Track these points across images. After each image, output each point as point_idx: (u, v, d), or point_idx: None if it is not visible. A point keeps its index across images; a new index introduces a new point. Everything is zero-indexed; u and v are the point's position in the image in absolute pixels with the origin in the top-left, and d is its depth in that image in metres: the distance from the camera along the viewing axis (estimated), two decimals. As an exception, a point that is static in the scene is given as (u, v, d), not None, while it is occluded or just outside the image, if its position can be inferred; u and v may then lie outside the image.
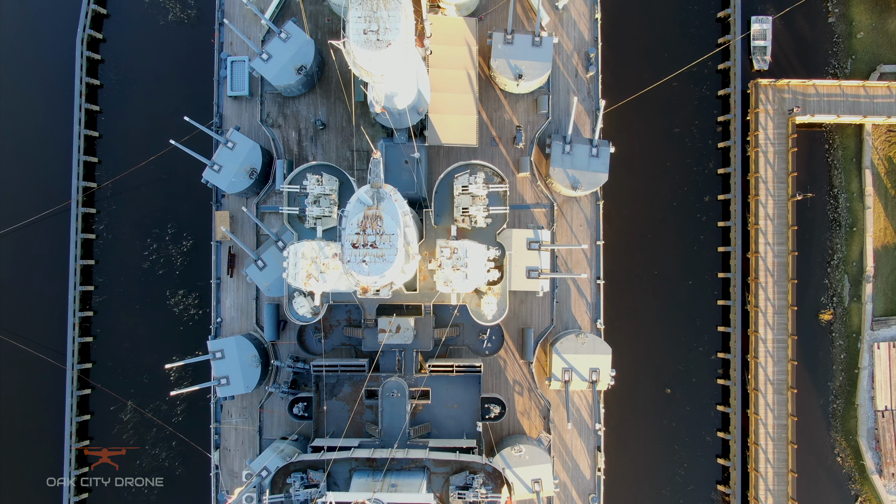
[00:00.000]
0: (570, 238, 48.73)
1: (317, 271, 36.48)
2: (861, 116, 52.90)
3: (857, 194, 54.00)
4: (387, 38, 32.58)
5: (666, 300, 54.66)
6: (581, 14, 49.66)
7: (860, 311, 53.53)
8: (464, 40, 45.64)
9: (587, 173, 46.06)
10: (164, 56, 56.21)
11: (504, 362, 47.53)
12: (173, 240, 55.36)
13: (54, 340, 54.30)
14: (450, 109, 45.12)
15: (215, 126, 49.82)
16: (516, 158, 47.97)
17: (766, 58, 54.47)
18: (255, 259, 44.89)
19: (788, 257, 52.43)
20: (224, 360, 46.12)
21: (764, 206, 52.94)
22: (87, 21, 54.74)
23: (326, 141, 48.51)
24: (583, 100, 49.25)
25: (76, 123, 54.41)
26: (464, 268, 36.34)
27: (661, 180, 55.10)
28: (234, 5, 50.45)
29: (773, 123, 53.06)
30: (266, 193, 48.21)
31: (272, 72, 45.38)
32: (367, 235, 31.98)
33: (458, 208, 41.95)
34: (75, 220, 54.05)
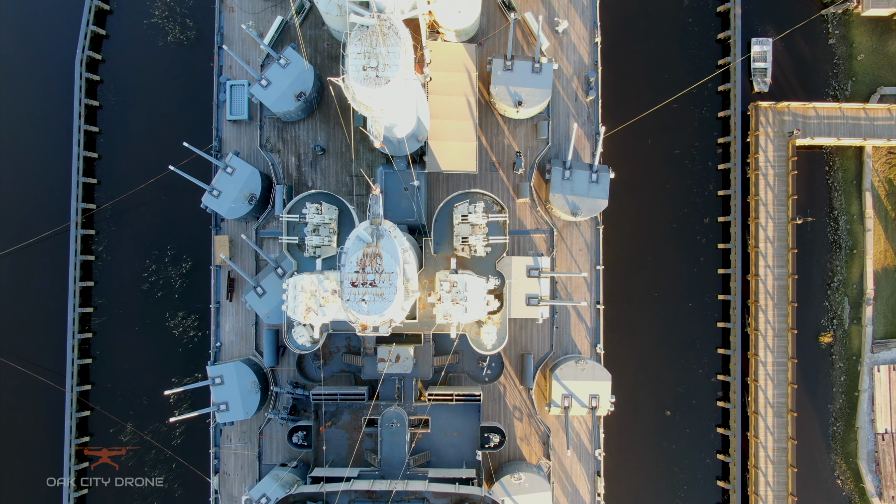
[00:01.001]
0: (570, 263, 48.66)
1: (316, 305, 36.42)
2: (861, 139, 52.81)
3: (858, 217, 53.91)
4: (386, 74, 32.54)
5: (666, 322, 54.60)
6: (581, 38, 49.58)
7: (860, 333, 53.47)
8: (463, 66, 45.53)
9: (587, 199, 46.00)
10: (163, 77, 56.08)
11: (504, 388, 47.47)
12: (173, 261, 55.27)
13: (53, 362, 54.22)
14: (449, 136, 45.04)
15: (214, 150, 49.79)
16: (516, 184, 47.90)
17: (766, 80, 54.37)
18: (255, 286, 44.81)
19: (788, 280, 52.36)
20: (223, 385, 46.10)
21: (764, 229, 52.87)
22: (86, 42, 54.63)
23: (326, 166, 48.43)
24: (583, 124, 49.18)
25: (75, 145, 54.30)
26: (463, 301, 36.28)
27: (661, 202, 55.01)
28: (234, 29, 50.38)
29: (774, 146, 52.98)
30: (265, 219, 48.12)
31: (271, 98, 45.31)
32: (366, 274, 31.91)
33: (458, 237, 41.88)
34: (74, 242, 53.96)
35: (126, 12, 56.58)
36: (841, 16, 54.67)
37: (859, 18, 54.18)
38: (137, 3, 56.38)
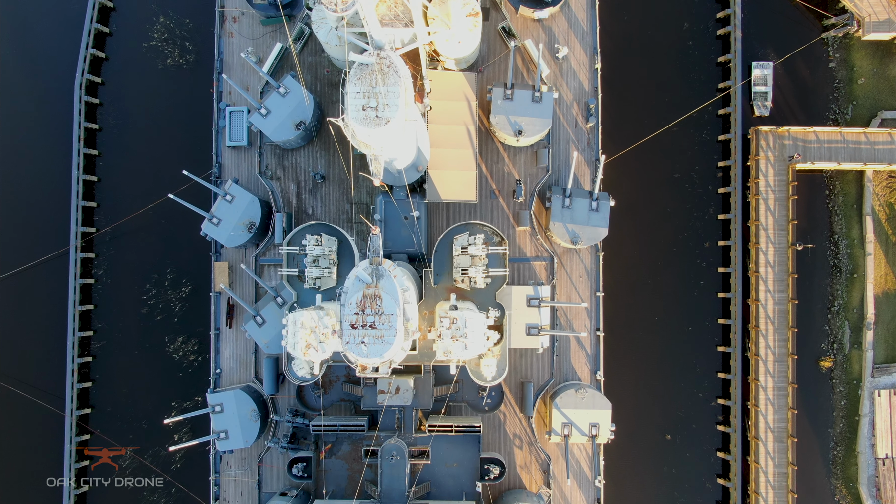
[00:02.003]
0: (571, 290, 48.63)
1: (316, 341, 36.25)
2: (862, 163, 52.72)
3: (858, 241, 53.84)
4: (386, 114, 32.52)
5: (666, 346, 54.53)
6: (581, 64, 49.51)
7: (861, 357, 53.41)
8: (463, 95, 45.47)
9: (587, 228, 45.96)
10: (162, 100, 55.96)
11: (504, 416, 47.43)
12: (172, 285, 55.19)
13: (53, 385, 54.12)
14: (449, 165, 44.98)
15: (214, 176, 49.75)
16: (516, 212, 47.82)
17: (766, 103, 54.29)
18: (255, 315, 44.75)
19: (789, 305, 52.27)
20: (223, 414, 46.14)
21: (764, 253, 52.79)
22: (85, 66, 54.49)
23: (326, 193, 48.37)
24: (583, 150, 49.11)
25: (74, 168, 54.21)
26: (463, 338, 36.20)
27: (662, 225, 54.94)
28: (233, 54, 50.33)
29: (774, 170, 52.89)
30: (265, 246, 48.05)
31: (271, 127, 45.25)
32: (366, 315, 31.85)
33: (458, 269, 41.81)
34: (74, 266, 53.85)
35: (125, 35, 56.47)
36: (842, 39, 54.58)
37: (860, 42, 54.07)
38: (137, 26, 56.26)
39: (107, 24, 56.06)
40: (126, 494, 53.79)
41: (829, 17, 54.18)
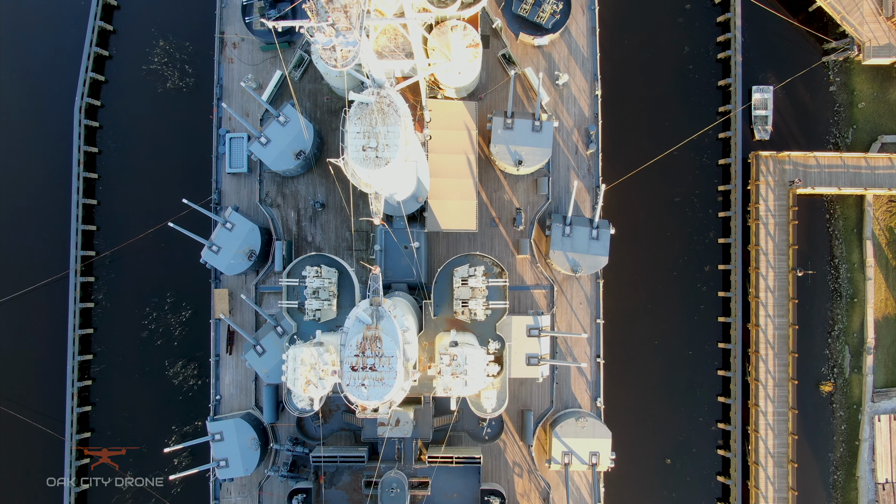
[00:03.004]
0: (571, 317, 48.61)
1: (316, 377, 36.20)
2: (862, 188, 52.69)
3: (858, 265, 53.83)
4: (386, 155, 32.44)
5: (666, 370, 54.53)
6: (581, 90, 49.46)
7: (861, 382, 53.41)
8: (463, 124, 45.41)
9: (587, 256, 45.92)
10: (162, 123, 55.91)
11: (504, 444, 47.40)
12: (172, 309, 55.18)
13: (53, 409, 54.08)
14: (449, 195, 44.94)
15: (213, 202, 49.68)
16: (516, 240, 47.79)
17: (767, 127, 54.25)
18: (254, 344, 44.70)
19: (789, 330, 52.24)
20: (223, 442, 46.09)
21: (764, 278, 52.75)
22: (85, 89, 54.44)
23: (326, 221, 48.31)
24: (583, 177, 49.07)
25: (74, 192, 54.16)
26: (463, 374, 36.12)
27: (662, 249, 54.93)
28: (233, 80, 50.27)
29: (774, 195, 52.85)
30: (265, 274, 48.00)
31: (270, 157, 45.20)
32: (366, 358, 31.79)
33: (458, 301, 41.75)
34: (74, 290, 53.79)
35: (125, 58, 56.43)
36: (842, 63, 54.54)
37: (860, 66, 54.06)
38: (136, 49, 56.23)
39: (106, 48, 55.99)
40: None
41: (830, 41, 54.15)
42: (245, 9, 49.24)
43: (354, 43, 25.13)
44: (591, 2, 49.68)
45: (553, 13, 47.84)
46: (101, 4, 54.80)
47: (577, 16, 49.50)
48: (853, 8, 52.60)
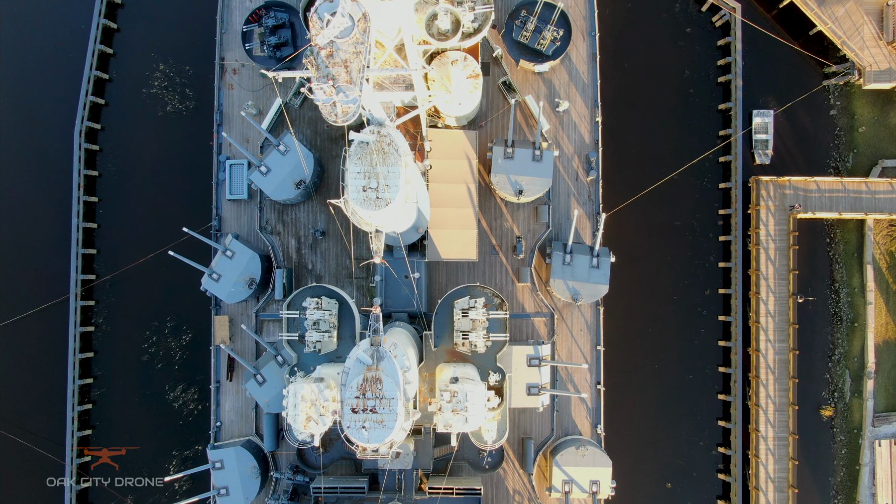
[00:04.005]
0: (571, 343, 48.62)
1: (316, 414, 36.28)
2: (863, 213, 52.65)
3: (859, 289, 53.80)
4: (387, 196, 32.40)
5: (666, 393, 54.51)
6: (582, 116, 49.44)
7: (861, 406, 53.39)
8: (464, 153, 45.40)
9: (587, 285, 45.92)
10: (163, 146, 55.83)
11: (504, 472, 47.40)
12: (172, 333, 55.17)
13: (54, 432, 54.03)
14: (450, 224, 44.92)
15: (214, 229, 49.68)
16: (516, 268, 47.77)
17: (767, 152, 54.21)
18: (255, 373, 44.70)
19: (790, 355, 52.23)
20: (224, 470, 46.16)
21: (765, 303, 52.72)
22: (85, 112, 54.38)
23: (326, 248, 48.30)
24: (583, 203, 49.06)
25: (74, 216, 54.10)
26: (463, 411, 36.11)
27: (662, 273, 54.88)
28: (233, 106, 50.27)
29: (775, 220, 52.82)
30: (266, 301, 47.99)
31: (271, 186, 45.19)
32: (366, 399, 31.76)
33: (458, 332, 41.73)
34: (74, 314, 53.76)
35: (125, 81, 56.36)
36: (842, 87, 54.49)
37: (860, 90, 53.99)
38: (136, 73, 56.16)
39: (106, 71, 55.92)
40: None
41: (830, 65, 54.10)
42: (245, 35, 49.22)
43: (355, 100, 25.11)
44: (592, 28, 49.65)
45: (553, 40, 47.77)
46: (100, 27, 54.76)
47: (578, 42, 49.48)
48: (854, 33, 52.57)
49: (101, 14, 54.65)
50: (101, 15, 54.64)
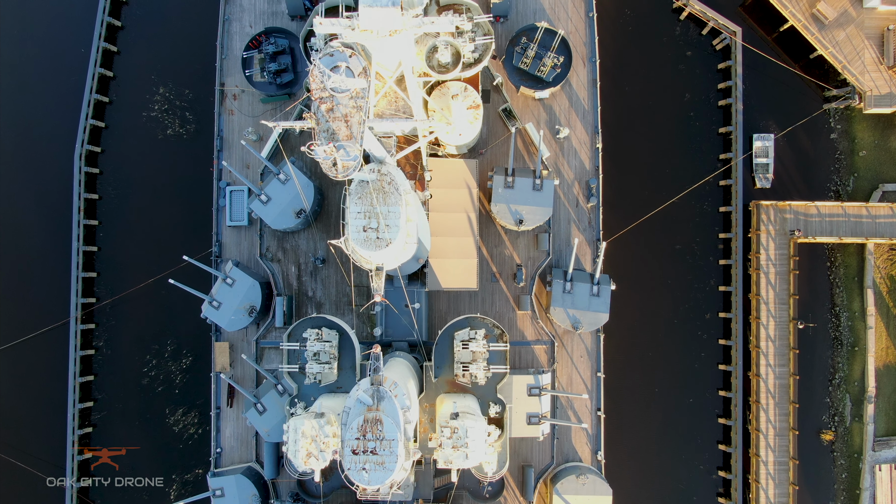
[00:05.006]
0: (571, 370, 48.63)
1: (317, 450, 36.26)
2: (863, 238, 52.61)
3: (859, 313, 53.77)
4: (387, 236, 32.41)
5: (667, 417, 54.47)
6: (582, 143, 49.42)
7: (862, 431, 53.37)
8: (464, 182, 45.39)
9: (588, 313, 45.92)
10: (163, 170, 55.78)
11: (504, 500, 47.37)
12: (173, 356, 55.17)
13: (54, 455, 54.05)
14: (450, 253, 44.91)
15: (214, 255, 49.66)
16: (517, 295, 47.75)
17: (768, 175, 54.16)
18: (255, 402, 44.69)
19: (790, 379, 52.22)
20: (224, 498, 46.18)
21: (765, 328, 52.71)
22: (85, 136, 54.34)
23: (326, 276, 48.26)
24: (584, 229, 49.05)
25: (74, 240, 54.08)
26: (464, 447, 36.09)
27: (663, 297, 54.86)
28: (233, 132, 50.28)
29: (775, 244, 52.79)
30: (266, 329, 47.97)
31: (271, 215, 45.17)
32: (367, 441, 31.75)
33: (458, 364, 41.72)
34: (74, 337, 53.71)
35: (125, 104, 56.31)
36: (843, 111, 54.45)
37: (861, 114, 53.93)
38: (136, 96, 56.12)
39: (106, 94, 55.89)
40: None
41: (831, 89, 54.05)
42: (245, 62, 49.23)
43: (355, 158, 25.09)
44: (592, 54, 49.62)
45: (554, 66, 47.75)
46: (101, 51, 54.72)
47: (578, 68, 49.44)
48: (854, 57, 52.53)
49: (101, 37, 54.61)
50: (101, 38, 54.60)
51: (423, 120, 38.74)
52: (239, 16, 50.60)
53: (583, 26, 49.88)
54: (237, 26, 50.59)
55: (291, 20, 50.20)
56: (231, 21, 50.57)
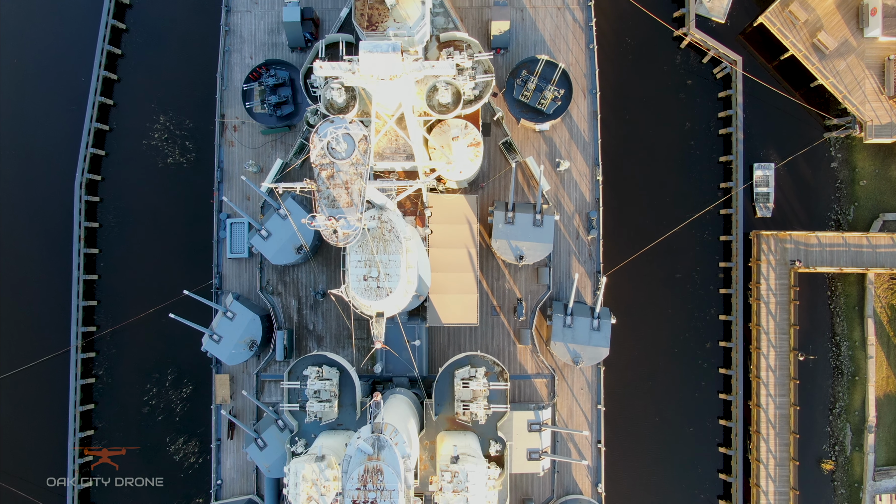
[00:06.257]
0: (572, 402, 48.63)
1: (317, 493, 36.27)
2: (864, 268, 52.59)
3: (860, 343, 53.77)
4: (387, 285, 32.42)
5: (667, 447, 54.48)
6: (582, 175, 49.40)
7: (862, 460, 53.38)
8: (464, 217, 45.37)
9: (588, 348, 45.92)
10: (163, 198, 55.69)
11: (505, 534, 47.36)
12: (173, 385, 55.18)
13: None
14: (450, 289, 44.90)
15: (215, 287, 49.66)
16: (517, 329, 47.74)
17: (769, 205, 54.12)
18: (255, 437, 44.71)
19: (790, 410, 52.22)
20: (225, 531, 46.17)
21: (765, 357, 52.70)
22: (85, 165, 54.32)
23: (327, 309, 48.26)
24: (584, 262, 49.04)
25: (75, 269, 54.06)
26: (464, 491, 36.09)
27: (663, 326, 54.86)
28: (234, 163, 50.30)
29: (776, 274, 52.77)
30: (266, 362, 47.98)
31: (271, 251, 45.18)
32: (367, 491, 31.70)
33: (459, 402, 41.68)
34: (75, 366, 53.70)
35: (125, 132, 56.25)
36: (843, 140, 54.43)
37: (862, 143, 53.89)
38: (136, 124, 56.09)
39: (106, 122, 55.86)
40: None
41: (831, 118, 54.03)
42: (245, 94, 49.22)
43: (356, 228, 25.09)
44: (593, 86, 49.60)
45: (555, 99, 47.74)
46: (101, 79, 54.68)
47: (579, 100, 49.43)
48: (855, 87, 52.51)
49: (101, 66, 54.57)
50: (101, 66, 54.56)
51: (425, 162, 38.86)
52: (239, 47, 50.58)
53: (583, 58, 49.86)
54: (237, 57, 50.58)
55: (292, 51, 50.17)
56: (231, 52, 50.56)
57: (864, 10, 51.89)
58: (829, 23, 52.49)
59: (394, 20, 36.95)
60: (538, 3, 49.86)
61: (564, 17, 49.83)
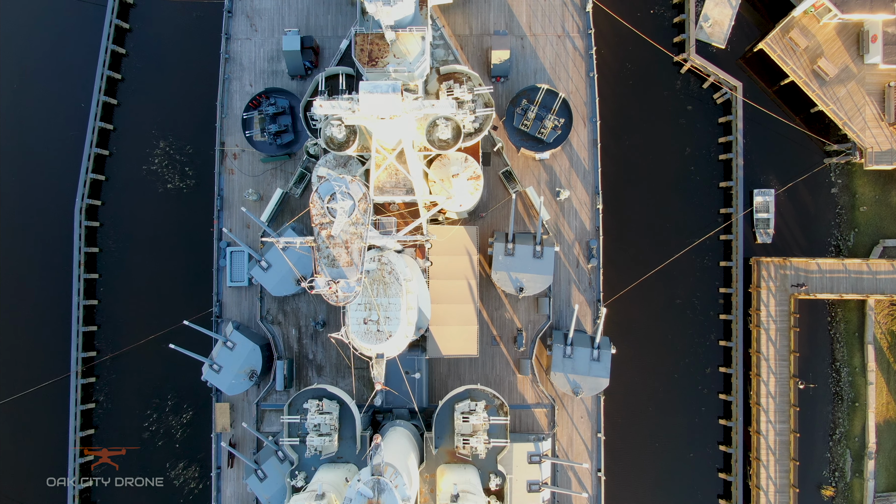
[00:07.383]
0: (572, 430, 48.63)
1: (317, 532, 36.24)
2: (864, 294, 52.58)
3: (860, 369, 53.78)
4: (387, 328, 32.42)
5: (667, 472, 54.52)
6: (583, 203, 49.38)
7: (862, 486, 53.40)
8: (464, 249, 45.38)
9: (588, 378, 45.88)
10: (163, 223, 55.72)
11: (505, 563, 47.35)
12: (174, 410, 55.20)
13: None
14: (450, 321, 44.92)
15: (215, 315, 49.64)
16: (517, 359, 47.73)
17: (769, 231, 54.11)
18: (255, 468, 44.73)
19: (790, 436, 52.25)
20: (225, 562, 46.15)
21: (765, 384, 52.72)
22: (85, 190, 54.33)
23: (327, 339, 48.20)
24: (584, 290, 49.01)
25: (75, 294, 54.08)
26: (465, 530, 36.11)
27: (663, 351, 54.86)
28: (234, 191, 50.27)
29: (776, 300, 52.78)
30: (266, 392, 47.98)
31: (272, 282, 45.18)
32: (368, 537, 31.73)
33: (459, 436, 41.67)
34: (75, 392, 53.73)
35: (125, 157, 56.26)
36: (844, 166, 54.42)
37: (862, 169, 53.89)
38: (136, 149, 56.09)
39: (106, 147, 55.86)
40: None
41: (831, 144, 54.02)
42: (245, 122, 49.19)
43: (353, 289, 25.08)
44: (593, 114, 49.57)
45: (555, 128, 47.71)
46: (101, 104, 54.68)
47: (579, 128, 49.40)
48: (855, 113, 52.49)
49: (101, 91, 54.57)
50: (101, 92, 54.55)
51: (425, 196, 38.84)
52: (239, 74, 50.55)
53: (583, 86, 49.83)
54: (237, 85, 50.55)
55: (291, 79, 50.13)
56: (231, 79, 50.53)
57: (865, 37, 51.87)
58: (830, 49, 52.48)
59: (394, 55, 36.88)
60: (538, 31, 49.83)
61: (565, 45, 49.81)
